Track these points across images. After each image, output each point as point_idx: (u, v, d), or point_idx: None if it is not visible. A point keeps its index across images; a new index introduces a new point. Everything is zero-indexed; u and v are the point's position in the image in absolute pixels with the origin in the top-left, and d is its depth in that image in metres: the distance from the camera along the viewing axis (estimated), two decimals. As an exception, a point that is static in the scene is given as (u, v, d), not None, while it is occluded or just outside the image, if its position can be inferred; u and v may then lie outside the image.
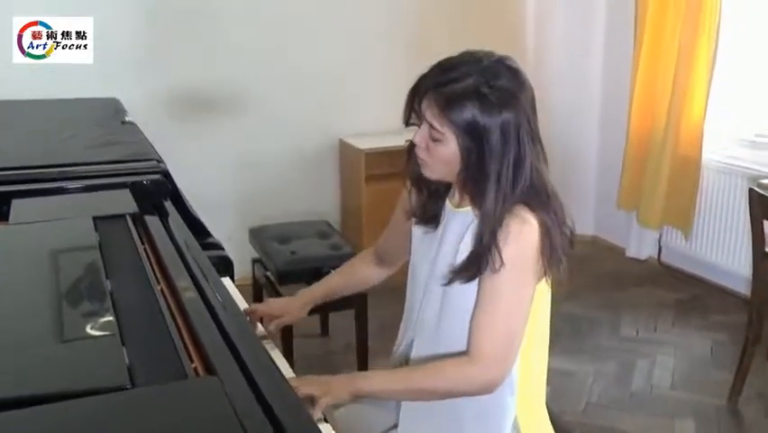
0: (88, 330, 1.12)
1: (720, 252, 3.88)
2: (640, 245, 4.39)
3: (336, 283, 1.82)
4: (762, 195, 2.65)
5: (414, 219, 1.58)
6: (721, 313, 3.69)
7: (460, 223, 1.46)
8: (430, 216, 1.54)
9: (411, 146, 1.49)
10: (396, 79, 4.10)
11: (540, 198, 1.39)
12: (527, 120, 1.38)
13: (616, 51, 4.38)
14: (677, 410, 2.86)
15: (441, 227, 1.51)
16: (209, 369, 1.11)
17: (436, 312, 1.49)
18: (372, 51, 4.12)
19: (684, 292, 3.96)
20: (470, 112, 1.35)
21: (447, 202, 1.52)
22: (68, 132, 2.49)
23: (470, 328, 1.40)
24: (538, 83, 4.97)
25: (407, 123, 1.47)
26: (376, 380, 1.45)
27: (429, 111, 1.39)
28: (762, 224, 2.69)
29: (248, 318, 1.69)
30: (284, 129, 4.03)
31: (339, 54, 4.07)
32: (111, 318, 1.15)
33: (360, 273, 1.82)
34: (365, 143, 3.89)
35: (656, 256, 4.36)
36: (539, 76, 4.65)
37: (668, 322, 3.64)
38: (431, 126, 1.40)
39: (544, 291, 1.47)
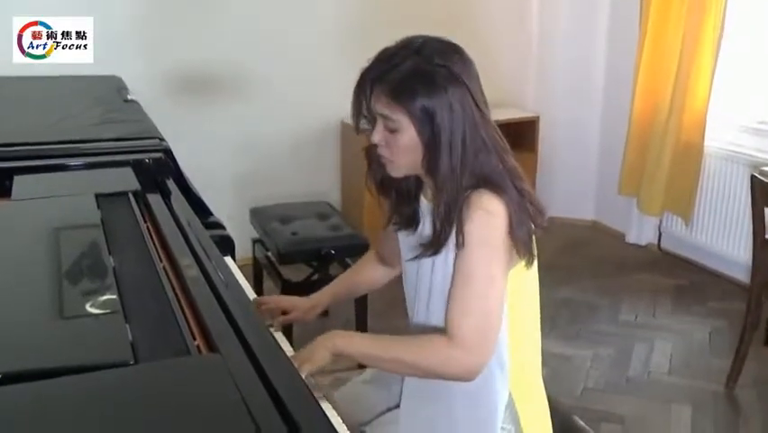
0: (91, 307, 1.13)
1: (720, 238, 3.89)
2: (640, 231, 4.40)
3: (344, 285, 1.82)
4: (763, 182, 2.65)
5: (394, 226, 1.57)
6: (720, 300, 3.70)
7: None
8: (408, 219, 1.53)
9: (368, 152, 1.50)
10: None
11: (497, 173, 1.39)
12: (472, 91, 1.39)
13: (620, 36, 4.36)
14: (674, 396, 2.87)
15: (421, 225, 1.51)
16: (212, 346, 1.11)
17: (425, 305, 1.50)
18: (374, 32, 4.09)
19: (683, 278, 3.97)
20: (417, 92, 1.35)
21: (422, 198, 1.52)
22: (71, 109, 2.49)
23: (447, 313, 1.39)
24: (542, 67, 4.95)
25: (358, 129, 1.47)
26: (356, 342, 1.44)
27: (379, 103, 1.39)
28: (763, 211, 2.69)
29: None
30: (285, 110, 4.02)
31: (340, 35, 4.05)
32: (114, 295, 1.15)
33: (366, 274, 1.81)
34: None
35: (656, 242, 4.37)
36: (543, 60, 4.66)
37: (667, 308, 3.65)
38: (384, 117, 1.39)
39: (523, 272, 1.46)
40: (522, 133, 4.44)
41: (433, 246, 1.41)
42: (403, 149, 1.40)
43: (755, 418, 2.75)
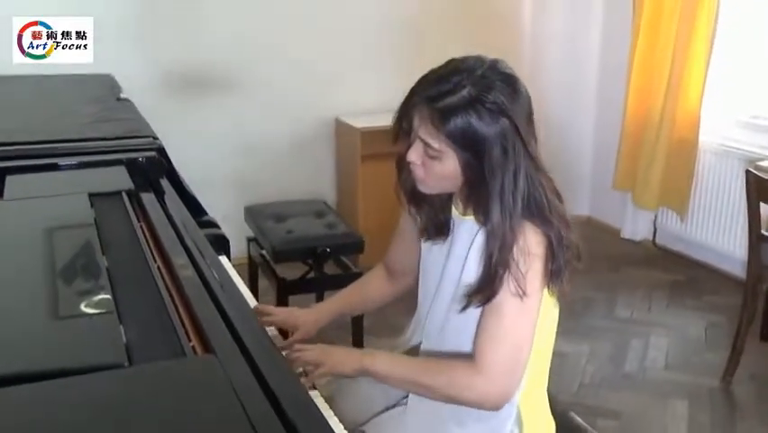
0: (85, 307, 1.12)
1: (715, 233, 3.88)
2: (635, 227, 4.40)
3: (350, 299, 1.77)
4: (758, 177, 2.65)
5: (423, 236, 1.54)
6: (715, 294, 3.70)
7: (467, 231, 1.43)
8: (438, 229, 1.50)
9: (400, 161, 1.45)
10: (392, 58, 4.10)
11: (542, 213, 1.35)
12: (524, 128, 1.33)
13: (613, 31, 4.36)
14: (670, 391, 2.87)
15: (450, 236, 1.48)
16: (207, 347, 1.10)
17: (441, 320, 1.48)
18: (368, 30, 4.09)
19: (679, 274, 3.97)
20: (467, 126, 1.29)
21: (453, 210, 1.48)
22: (63, 108, 2.47)
23: (476, 341, 1.38)
24: (535, 64, 4.94)
25: (396, 140, 1.42)
26: (382, 363, 1.42)
27: (423, 128, 1.33)
28: (758, 206, 2.69)
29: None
30: (280, 108, 4.00)
31: (335, 32, 4.04)
32: (108, 296, 1.14)
33: (372, 288, 1.77)
34: (361, 122, 3.87)
35: (651, 238, 4.37)
36: (536, 57, 4.64)
37: (662, 303, 3.66)
38: (426, 144, 1.35)
39: (550, 302, 1.46)
40: (516, 130, 4.42)
41: (485, 294, 1.36)
42: (439, 176, 1.37)
43: (752, 412, 2.75)
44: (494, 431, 1.47)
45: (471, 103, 1.30)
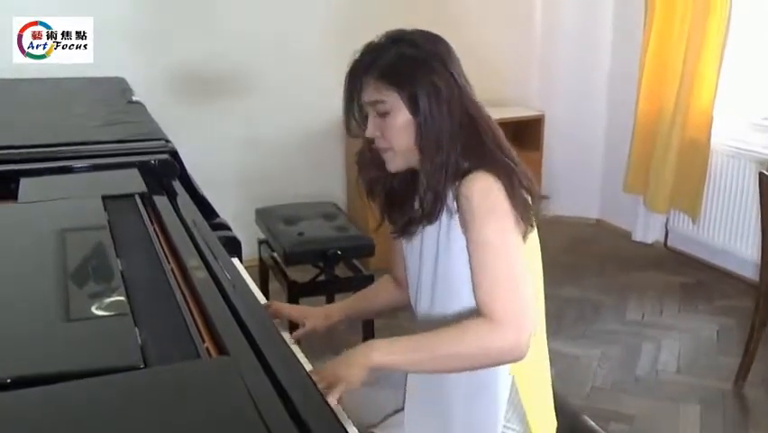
0: (100, 310, 1.12)
1: (728, 236, 3.87)
2: (646, 229, 4.39)
3: (358, 303, 1.81)
4: (772, 179, 2.63)
5: (394, 234, 1.55)
6: (727, 298, 3.68)
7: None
8: (405, 229, 1.50)
9: (359, 157, 1.56)
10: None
11: (486, 148, 1.40)
12: (457, 72, 1.43)
13: (625, 33, 4.35)
14: (682, 395, 2.86)
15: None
16: (221, 349, 1.10)
17: (428, 305, 1.50)
18: (378, 31, 4.09)
19: (690, 276, 3.96)
20: (403, 71, 1.40)
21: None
22: (76, 111, 2.49)
23: (476, 295, 1.35)
24: (546, 65, 4.92)
25: (350, 130, 1.50)
26: (394, 349, 1.35)
27: (367, 92, 1.43)
28: (771, 208, 2.68)
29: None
30: (289, 109, 4.01)
31: (343, 32, 4.04)
32: (122, 298, 1.14)
33: (380, 295, 1.80)
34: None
35: (663, 240, 4.35)
36: (547, 58, 4.64)
37: (674, 306, 3.64)
38: (374, 103, 1.42)
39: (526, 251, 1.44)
40: (526, 132, 4.42)
41: (425, 217, 1.42)
42: (397, 130, 1.42)
43: (765, 416, 2.74)
44: (488, 407, 1.47)
45: (404, 55, 1.41)
